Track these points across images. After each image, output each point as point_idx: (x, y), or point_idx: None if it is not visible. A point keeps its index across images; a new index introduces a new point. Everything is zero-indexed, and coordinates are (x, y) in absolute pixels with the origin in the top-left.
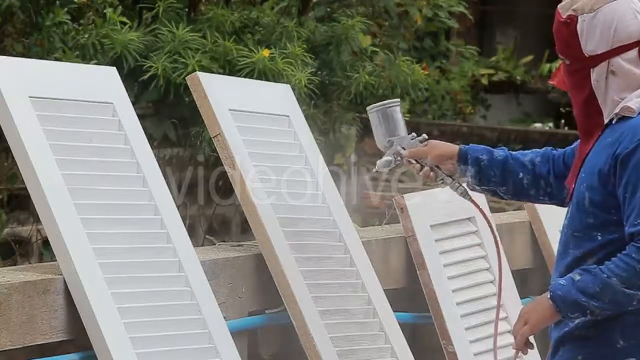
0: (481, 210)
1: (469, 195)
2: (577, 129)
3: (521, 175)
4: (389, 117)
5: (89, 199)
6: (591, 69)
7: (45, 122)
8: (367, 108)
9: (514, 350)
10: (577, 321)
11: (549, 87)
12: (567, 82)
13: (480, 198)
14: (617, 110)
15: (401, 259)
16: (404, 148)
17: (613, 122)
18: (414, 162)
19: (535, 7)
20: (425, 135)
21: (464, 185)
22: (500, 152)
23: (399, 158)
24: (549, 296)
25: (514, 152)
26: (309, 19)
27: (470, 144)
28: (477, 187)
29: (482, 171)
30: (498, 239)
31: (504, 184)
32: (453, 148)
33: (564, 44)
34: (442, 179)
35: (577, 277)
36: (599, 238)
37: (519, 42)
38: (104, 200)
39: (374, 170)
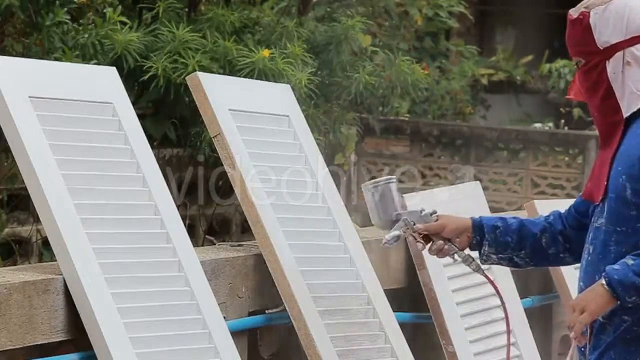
0: (494, 286)
1: (482, 269)
2: (598, 133)
3: (539, 234)
4: (386, 193)
5: (89, 199)
6: (606, 62)
7: (45, 122)
8: (362, 185)
9: (573, 340)
10: (628, 322)
11: (549, 87)
12: (582, 85)
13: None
14: None
15: (401, 259)
16: (413, 222)
17: None
18: (426, 236)
19: (535, 7)
20: (435, 209)
21: (477, 259)
22: (513, 219)
23: (406, 232)
24: (604, 282)
25: (525, 218)
26: (309, 19)
27: (481, 215)
28: (494, 257)
29: (498, 239)
30: (508, 313)
31: (522, 248)
32: (466, 220)
33: (577, 44)
34: (454, 253)
35: (631, 262)
36: None
37: (518, 41)
38: (104, 200)
39: (381, 245)
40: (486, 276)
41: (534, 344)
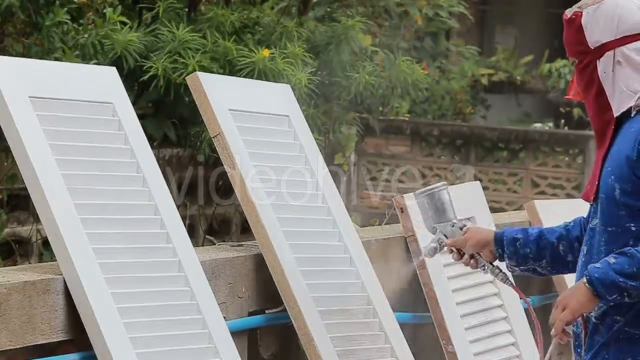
0: (523, 297)
1: (510, 280)
2: (594, 133)
3: (556, 243)
4: (435, 201)
5: (89, 199)
6: (597, 61)
7: (45, 122)
8: (414, 193)
9: (554, 338)
10: (620, 322)
11: (549, 87)
12: (578, 85)
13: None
14: (637, 102)
15: (401, 259)
16: (446, 236)
17: (632, 115)
18: (455, 249)
19: (535, 7)
20: (464, 222)
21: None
22: (534, 230)
23: (442, 244)
24: (585, 281)
25: (545, 227)
26: (309, 19)
27: (505, 228)
28: (517, 269)
29: (518, 251)
30: (538, 326)
31: (541, 258)
32: (490, 234)
33: (572, 43)
34: (483, 266)
35: (613, 260)
36: (633, 229)
37: (518, 41)
38: (104, 200)
39: (421, 257)
40: (515, 288)
41: (534, 343)
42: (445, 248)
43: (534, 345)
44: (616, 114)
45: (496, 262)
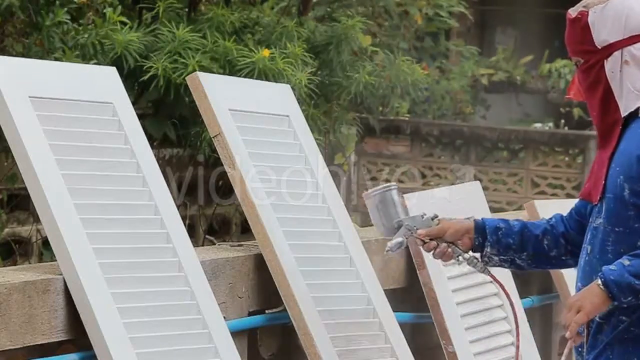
0: (501, 285)
1: (488, 270)
2: (597, 133)
3: (541, 236)
4: (388, 200)
5: (89, 199)
6: (605, 61)
7: (45, 122)
8: (364, 194)
9: (569, 340)
10: (626, 322)
11: (549, 87)
12: (582, 85)
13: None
14: None
15: (401, 259)
16: (416, 228)
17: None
18: (428, 240)
19: (535, 7)
20: (435, 213)
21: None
22: (515, 222)
23: (410, 238)
24: (600, 282)
25: (527, 221)
26: (309, 19)
27: (484, 217)
28: (496, 259)
29: (500, 240)
30: (518, 316)
31: (523, 250)
32: (468, 222)
33: (576, 43)
34: (459, 255)
35: (627, 262)
36: None
37: (518, 41)
38: (104, 200)
39: (384, 253)
40: (492, 277)
41: (534, 343)
42: (417, 240)
43: (534, 345)
44: (624, 114)
45: (470, 253)
